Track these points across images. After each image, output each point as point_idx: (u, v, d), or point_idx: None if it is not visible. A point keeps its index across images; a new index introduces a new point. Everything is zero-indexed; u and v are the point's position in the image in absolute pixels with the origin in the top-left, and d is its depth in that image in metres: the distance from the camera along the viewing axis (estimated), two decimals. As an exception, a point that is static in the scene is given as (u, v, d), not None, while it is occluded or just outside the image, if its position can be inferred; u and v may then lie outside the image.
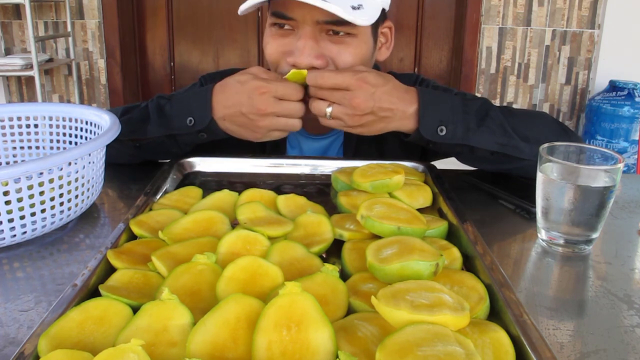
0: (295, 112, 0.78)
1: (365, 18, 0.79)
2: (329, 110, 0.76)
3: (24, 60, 2.69)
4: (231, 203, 0.68)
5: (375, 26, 0.87)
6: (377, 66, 0.97)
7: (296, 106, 0.78)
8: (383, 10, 0.87)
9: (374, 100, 0.74)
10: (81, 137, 0.81)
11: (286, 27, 0.83)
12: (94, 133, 0.78)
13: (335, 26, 0.81)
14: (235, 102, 0.77)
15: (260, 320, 0.41)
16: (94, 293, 0.49)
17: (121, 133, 0.71)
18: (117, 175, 0.82)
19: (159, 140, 0.84)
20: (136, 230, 0.60)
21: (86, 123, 0.80)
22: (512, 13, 2.93)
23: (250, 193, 0.69)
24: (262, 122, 0.78)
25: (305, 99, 0.79)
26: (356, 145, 0.97)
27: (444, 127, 0.76)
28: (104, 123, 0.75)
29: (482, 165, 0.86)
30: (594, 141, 2.81)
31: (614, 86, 2.78)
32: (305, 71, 0.77)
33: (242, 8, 0.82)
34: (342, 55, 0.83)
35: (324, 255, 0.60)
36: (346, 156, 0.98)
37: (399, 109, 0.76)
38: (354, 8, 0.78)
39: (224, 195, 0.70)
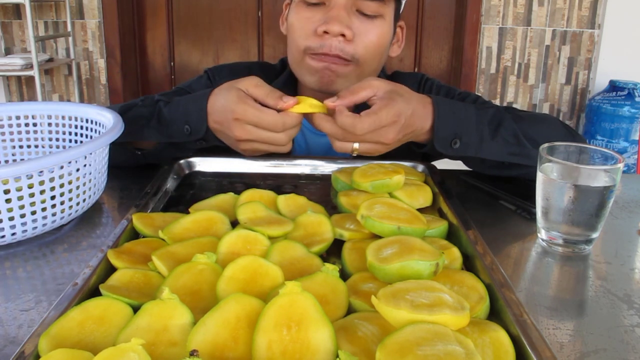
0: (275, 141, 0.73)
1: None
2: (355, 146, 0.71)
3: (24, 60, 2.70)
4: (231, 203, 0.68)
5: (395, 19, 0.90)
6: (382, 68, 0.97)
7: (277, 137, 0.72)
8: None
9: (403, 129, 0.72)
10: (85, 135, 0.81)
11: (317, 1, 0.84)
12: (97, 132, 0.78)
13: (367, 1, 0.83)
14: (221, 119, 0.74)
15: (261, 319, 0.41)
16: (95, 292, 0.49)
17: (120, 135, 0.70)
18: (118, 175, 0.82)
19: (161, 146, 0.83)
20: (138, 225, 0.60)
21: (88, 122, 0.80)
22: (512, 13, 2.93)
23: (250, 193, 0.69)
24: (241, 146, 0.75)
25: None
26: None
27: (458, 140, 0.76)
28: (106, 121, 0.75)
29: (491, 171, 0.85)
30: (594, 141, 2.81)
31: (614, 86, 2.78)
32: (319, 105, 0.72)
33: None
34: (369, 34, 0.84)
35: (324, 255, 0.60)
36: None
37: (418, 128, 0.75)
38: None
39: (225, 196, 0.70)
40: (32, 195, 0.60)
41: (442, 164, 0.88)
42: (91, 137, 0.80)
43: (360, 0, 0.83)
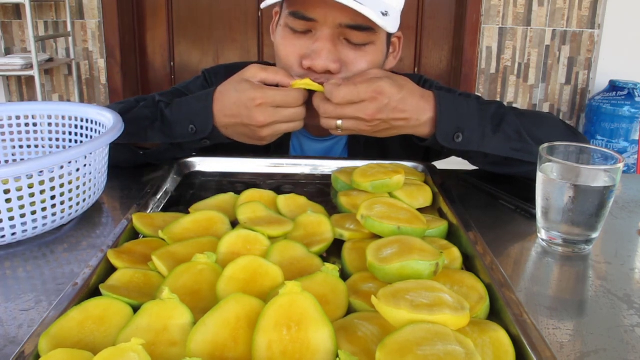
0: (296, 117, 0.77)
1: (392, 25, 0.78)
2: (339, 122, 0.74)
3: (24, 60, 2.69)
4: (231, 203, 0.68)
5: (389, 34, 0.87)
6: None
7: (297, 111, 0.76)
8: None
9: (387, 111, 0.73)
10: (85, 135, 0.81)
11: (303, 29, 0.80)
12: (97, 132, 0.78)
13: (355, 31, 0.79)
14: (235, 112, 0.76)
15: (261, 319, 0.41)
16: (95, 292, 0.49)
17: (122, 136, 0.70)
18: (118, 175, 0.82)
19: (163, 147, 0.83)
20: (138, 225, 0.60)
21: (89, 122, 0.80)
22: (512, 13, 2.93)
23: (250, 193, 0.69)
24: (263, 133, 0.76)
25: (308, 101, 0.78)
26: (359, 147, 0.97)
27: (460, 134, 0.76)
28: (106, 121, 0.75)
29: (493, 168, 0.85)
30: (594, 141, 2.81)
31: (614, 86, 2.78)
32: (315, 84, 0.75)
33: (266, 4, 0.79)
34: (358, 62, 0.81)
35: (324, 255, 0.60)
36: (350, 155, 0.98)
37: (412, 118, 0.75)
38: (383, 14, 0.76)
39: (225, 196, 0.70)
40: (32, 195, 0.60)
41: (442, 164, 0.88)
42: (91, 137, 0.80)
43: (349, 30, 0.78)
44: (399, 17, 0.83)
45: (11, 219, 0.60)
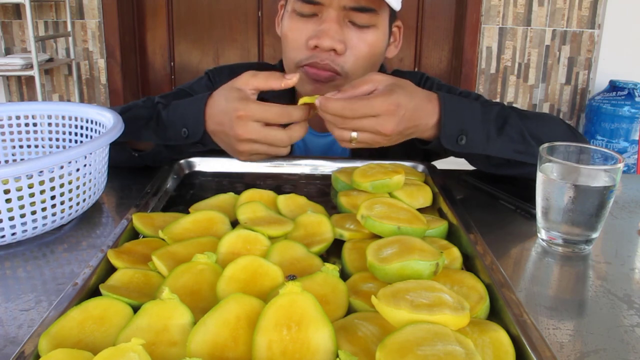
0: (278, 142, 0.74)
1: (396, 1, 0.82)
2: (354, 135, 0.71)
3: (24, 60, 2.70)
4: (231, 203, 0.68)
5: (390, 22, 0.90)
6: (382, 66, 0.98)
7: (279, 135, 0.73)
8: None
9: (403, 122, 0.71)
10: (85, 135, 0.81)
11: (310, 13, 0.84)
12: (97, 132, 0.78)
13: (359, 13, 0.82)
14: (220, 120, 0.75)
15: (261, 319, 0.41)
16: (95, 292, 0.49)
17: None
18: (117, 175, 0.82)
19: (157, 149, 0.83)
20: (138, 225, 0.60)
21: (89, 122, 0.80)
22: (512, 13, 2.93)
23: (250, 193, 0.69)
24: (241, 147, 0.75)
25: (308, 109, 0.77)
26: None
27: (464, 136, 0.75)
28: (106, 121, 0.75)
29: (494, 170, 0.85)
30: (594, 141, 2.81)
31: (614, 86, 2.78)
32: (310, 98, 0.72)
33: None
34: (360, 44, 0.84)
35: (324, 255, 0.60)
36: (351, 154, 0.98)
37: (422, 124, 0.74)
38: None
39: (225, 196, 0.70)
40: (32, 195, 0.60)
41: (442, 164, 0.88)
42: (91, 137, 0.80)
43: (353, 12, 0.82)
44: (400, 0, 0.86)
45: (11, 219, 0.60)
